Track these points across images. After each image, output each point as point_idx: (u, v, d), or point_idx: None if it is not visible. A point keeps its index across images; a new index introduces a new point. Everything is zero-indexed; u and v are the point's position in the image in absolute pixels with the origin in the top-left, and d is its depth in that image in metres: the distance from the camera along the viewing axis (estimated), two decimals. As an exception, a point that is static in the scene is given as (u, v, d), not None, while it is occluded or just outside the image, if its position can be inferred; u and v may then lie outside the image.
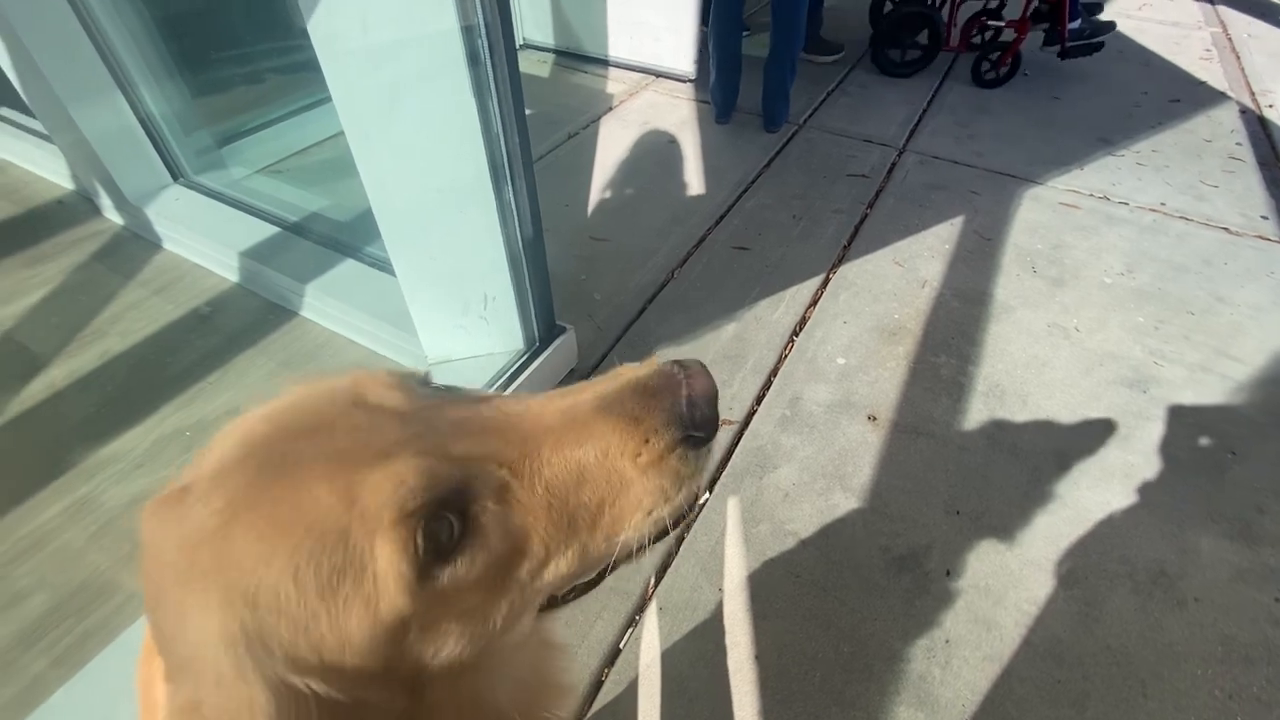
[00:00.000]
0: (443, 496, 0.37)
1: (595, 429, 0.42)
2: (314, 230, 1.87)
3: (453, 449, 0.39)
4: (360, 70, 1.09)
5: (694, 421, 0.43)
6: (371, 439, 0.38)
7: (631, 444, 0.42)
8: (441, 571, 0.37)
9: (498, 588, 0.40)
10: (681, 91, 2.98)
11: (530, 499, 0.41)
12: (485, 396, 0.46)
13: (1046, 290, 1.94)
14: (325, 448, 0.37)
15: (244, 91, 2.37)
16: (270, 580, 0.34)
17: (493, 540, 0.39)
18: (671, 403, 0.43)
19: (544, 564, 0.42)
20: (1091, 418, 1.58)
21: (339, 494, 0.36)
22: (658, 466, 0.42)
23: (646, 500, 0.43)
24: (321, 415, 0.39)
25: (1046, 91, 3.02)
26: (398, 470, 0.37)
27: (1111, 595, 1.26)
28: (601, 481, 0.42)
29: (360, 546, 0.35)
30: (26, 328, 1.70)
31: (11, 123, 2.28)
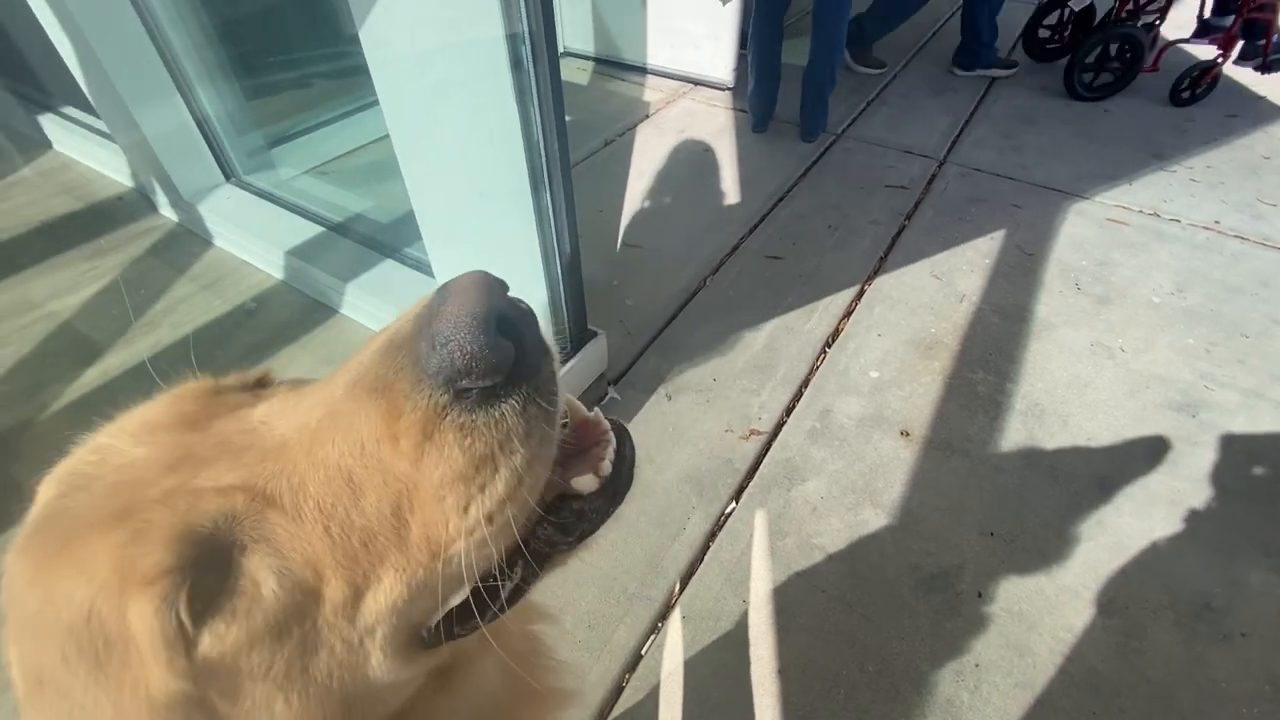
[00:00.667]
0: (191, 554, 0.31)
1: (343, 416, 0.33)
2: (356, 230, 1.92)
3: (202, 481, 0.33)
4: (407, 76, 1.12)
5: (453, 367, 0.31)
6: (117, 490, 0.33)
7: (381, 424, 0.32)
8: (207, 633, 0.31)
9: (302, 637, 0.33)
10: (718, 100, 2.98)
11: (299, 528, 0.32)
12: (269, 395, 0.39)
13: (1091, 308, 1.88)
14: (76, 512, 0.33)
15: (294, 95, 2.46)
16: (46, 664, 0.31)
17: (263, 586, 0.32)
18: (419, 352, 0.32)
19: (355, 600, 0.34)
20: (1136, 441, 1.53)
21: (77, 566, 0.31)
22: (427, 446, 0.32)
23: (448, 496, 0.33)
24: (94, 461, 0.35)
25: (1096, 104, 2.94)
26: (130, 532, 0.31)
27: (1153, 626, 1.22)
28: (378, 485, 0.33)
29: (110, 622, 0.30)
30: (86, 317, 1.78)
31: (78, 123, 2.40)
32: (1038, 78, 3.15)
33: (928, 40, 3.55)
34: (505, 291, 0.35)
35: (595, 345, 1.61)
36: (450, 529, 0.34)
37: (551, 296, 1.43)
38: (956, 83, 3.12)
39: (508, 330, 0.32)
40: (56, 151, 2.47)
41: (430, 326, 0.31)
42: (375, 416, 0.32)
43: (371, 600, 0.34)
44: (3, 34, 2.35)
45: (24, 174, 2.33)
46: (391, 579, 0.34)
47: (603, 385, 1.66)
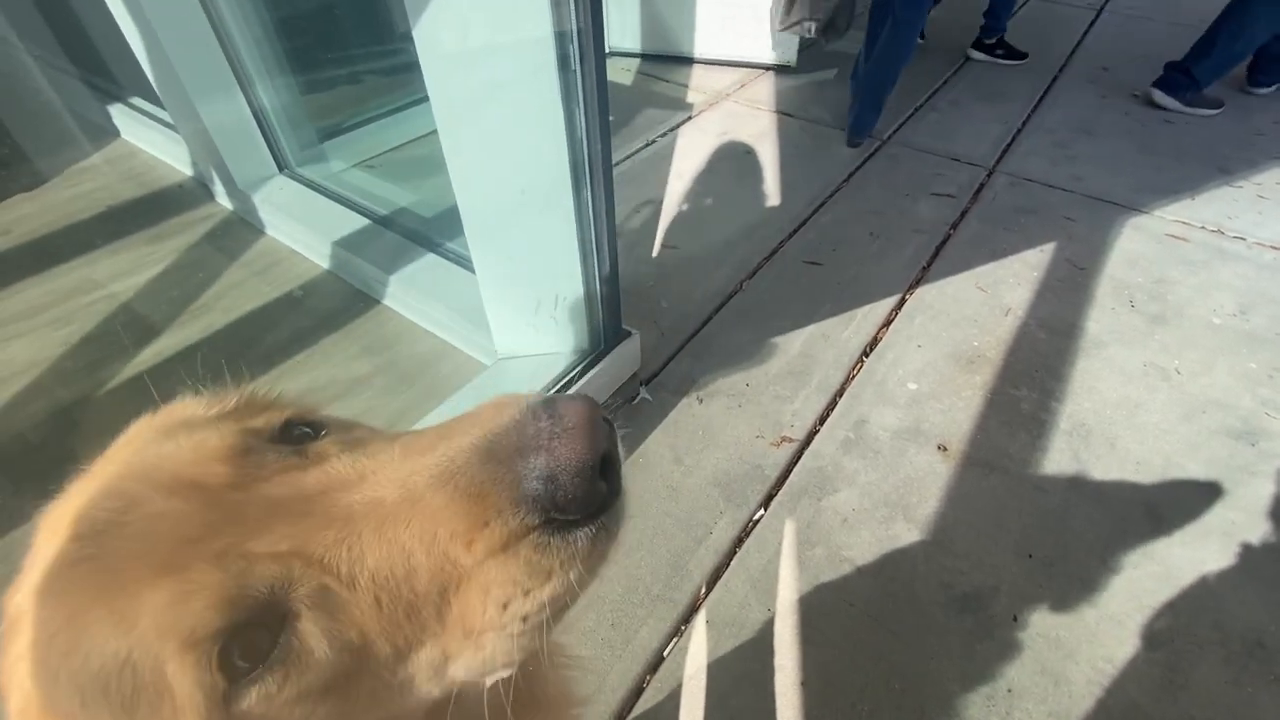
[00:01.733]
0: (243, 615, 0.32)
1: (426, 506, 0.34)
2: (401, 224, 1.97)
3: (258, 544, 0.34)
4: (456, 73, 1.14)
5: (555, 502, 0.34)
6: (159, 542, 0.33)
7: (463, 527, 0.34)
8: (255, 692, 0.32)
9: (345, 691, 0.35)
10: (762, 103, 2.96)
11: (353, 596, 0.34)
12: (323, 456, 0.39)
13: (1145, 327, 1.80)
14: (111, 554, 0.33)
15: (346, 90, 2.53)
16: (65, 703, 0.31)
17: (315, 650, 0.34)
18: (521, 474, 0.34)
19: (396, 660, 0.36)
20: (1189, 468, 1.46)
21: (117, 616, 0.31)
22: (502, 556, 0.34)
23: (495, 592, 0.35)
24: (121, 504, 0.34)
25: (1158, 115, 2.82)
26: (181, 587, 0.31)
27: (1200, 663, 1.16)
28: (435, 570, 0.35)
29: (148, 675, 0.31)
30: (144, 299, 1.86)
31: (144, 113, 2.51)
32: (1097, 86, 3.04)
33: (981, 46, 3.45)
34: (610, 429, 0.37)
35: (629, 345, 1.61)
36: (485, 619, 0.36)
37: (588, 294, 1.44)
38: (1010, 90, 3.03)
39: (604, 471, 0.35)
40: (124, 140, 2.59)
41: (541, 457, 0.34)
42: (460, 518, 0.34)
43: (413, 660, 0.37)
44: (79, 28, 2.48)
45: (94, 161, 2.45)
46: (430, 646, 0.37)
47: (635, 385, 1.66)
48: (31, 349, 1.68)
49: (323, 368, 1.67)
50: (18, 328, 1.74)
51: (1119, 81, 3.07)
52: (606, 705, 1.13)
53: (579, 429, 0.35)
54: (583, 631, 1.22)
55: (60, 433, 1.49)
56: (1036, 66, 3.22)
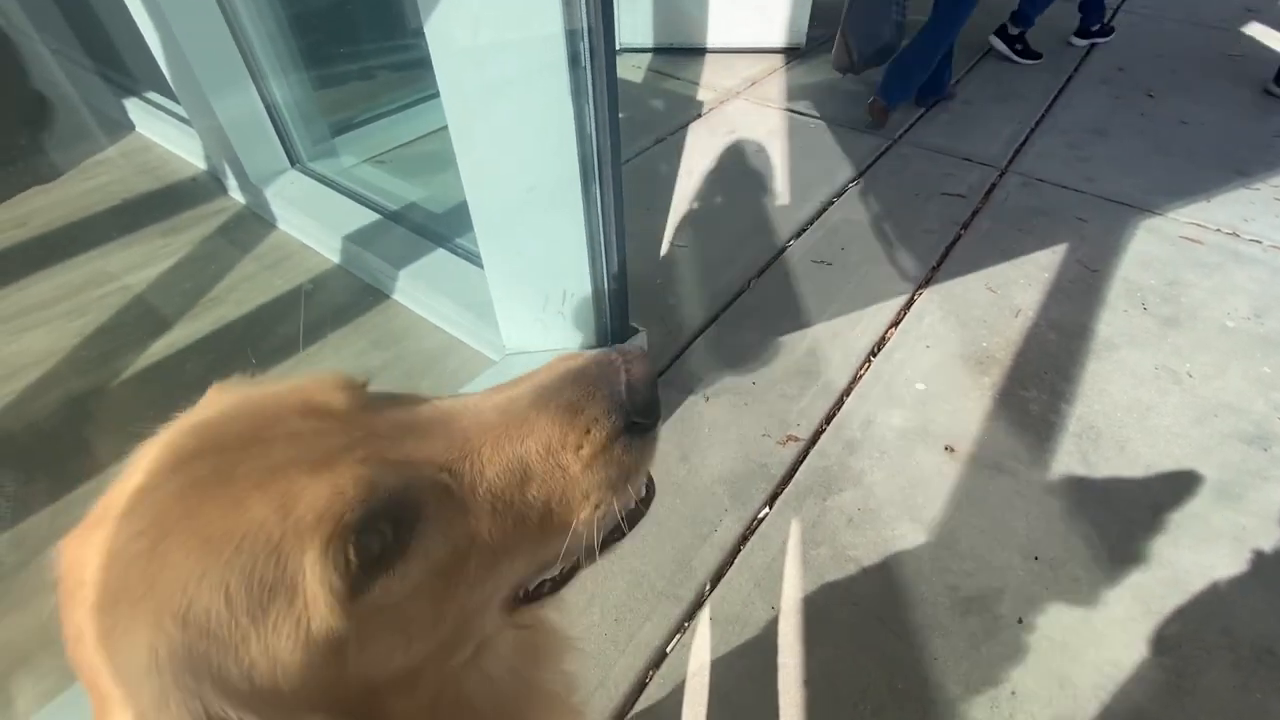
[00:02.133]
0: (382, 506, 0.35)
1: (535, 423, 0.41)
2: (410, 219, 1.98)
3: (392, 454, 0.38)
4: (468, 69, 1.15)
5: (635, 407, 0.42)
6: (311, 447, 0.36)
7: (573, 435, 0.41)
8: (378, 584, 0.35)
9: (443, 594, 0.39)
10: (773, 101, 2.95)
11: (473, 501, 0.39)
12: (423, 398, 0.44)
13: (1157, 330, 1.79)
14: (261, 458, 0.35)
15: (357, 86, 2.54)
16: (201, 600, 0.32)
17: (434, 547, 0.37)
18: (610, 389, 0.42)
19: (492, 565, 0.41)
20: (1199, 472, 1.45)
21: (274, 505, 0.33)
22: (601, 458, 0.41)
23: (594, 494, 0.42)
24: (257, 425, 0.37)
25: (1173, 115, 2.79)
26: (335, 480, 0.35)
27: (1208, 668, 1.15)
28: (545, 477, 0.41)
29: (292, 562, 0.33)
30: (157, 291, 1.88)
31: (159, 107, 2.53)
32: (1111, 86, 3.01)
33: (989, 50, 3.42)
34: None
35: (636, 341, 1.61)
36: (581, 518, 0.42)
37: (596, 290, 1.44)
38: (1023, 90, 3.01)
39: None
40: (138, 133, 2.61)
41: (621, 375, 0.42)
42: (566, 427, 0.41)
43: (503, 566, 0.41)
44: (95, 22, 2.50)
45: (109, 154, 2.48)
46: (523, 550, 0.42)
47: (641, 382, 1.66)
48: (47, 339, 1.70)
49: (334, 360, 1.68)
50: (34, 318, 1.77)
51: (1134, 82, 3.04)
52: (609, 700, 1.13)
53: (640, 357, 0.44)
54: (587, 626, 1.23)
55: (75, 422, 1.51)
56: (1050, 66, 3.19)
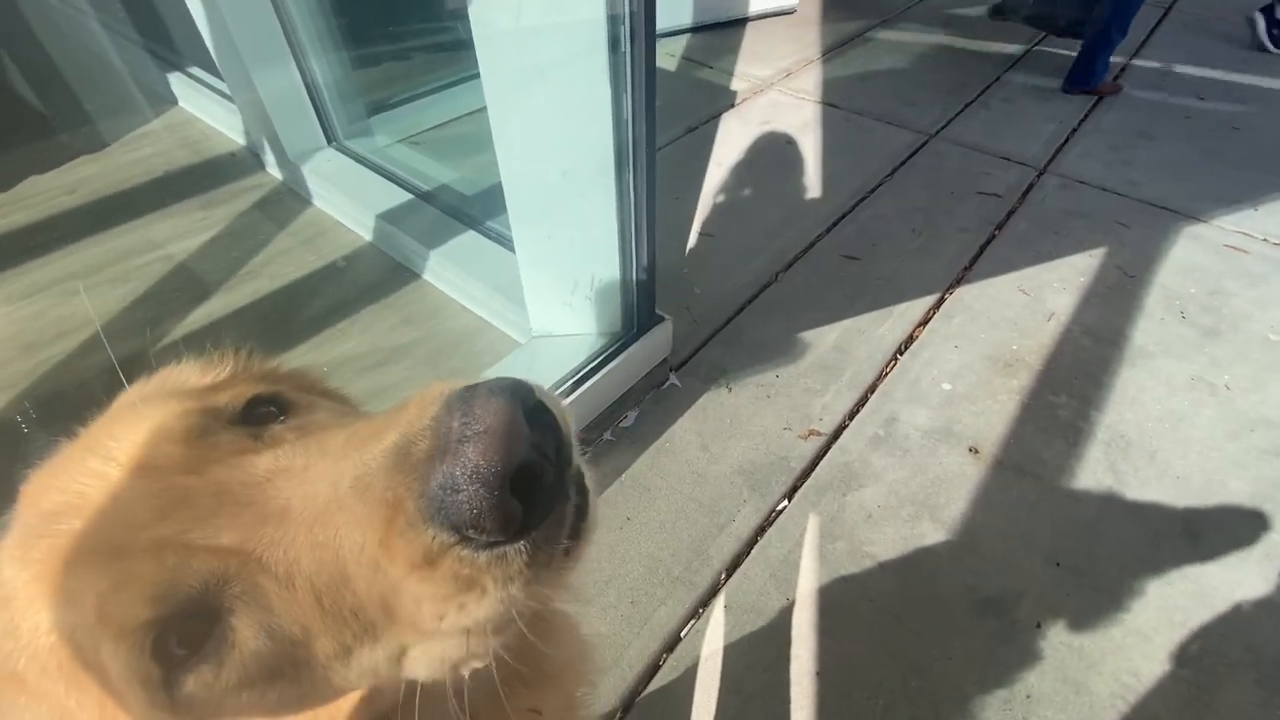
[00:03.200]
0: (176, 609, 0.32)
1: (349, 513, 0.33)
2: (442, 200, 2.00)
3: (197, 536, 0.33)
4: (510, 52, 1.16)
5: (459, 518, 0.30)
6: (112, 524, 0.34)
7: (383, 536, 0.32)
8: (193, 678, 0.33)
9: (293, 678, 0.35)
10: (807, 93, 2.92)
11: (290, 595, 0.33)
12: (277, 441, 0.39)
13: (1195, 340, 1.74)
14: (66, 533, 0.34)
15: (394, 66, 2.57)
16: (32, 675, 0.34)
17: (250, 644, 0.33)
18: (428, 485, 0.31)
19: (346, 653, 0.35)
20: (1232, 487, 1.42)
21: (65, 596, 0.33)
22: (425, 569, 0.32)
23: (426, 606, 0.33)
24: (89, 483, 0.36)
25: (1224, 120, 2.70)
26: (119, 577, 0.32)
27: (1229, 683, 1.14)
28: (365, 579, 0.33)
29: (96, 654, 0.32)
30: (197, 262, 1.93)
31: (201, 82, 2.59)
32: (1160, 90, 2.92)
33: (1039, 40, 3.34)
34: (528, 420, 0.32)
35: (661, 330, 1.62)
36: (427, 630, 0.34)
37: (624, 278, 1.45)
38: (1067, 88, 2.93)
39: (524, 479, 0.31)
40: (181, 108, 2.67)
41: (444, 463, 0.31)
42: (379, 526, 0.32)
43: (366, 655, 0.36)
44: (145, -3, 2.56)
45: (153, 126, 2.54)
46: (384, 643, 0.36)
47: (664, 370, 1.67)
48: (93, 304, 1.76)
49: (364, 336, 1.71)
50: (81, 284, 1.83)
51: (1182, 83, 2.95)
52: (623, 679, 1.15)
53: (490, 431, 0.31)
54: (602, 607, 1.25)
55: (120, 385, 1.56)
56: (1097, 65, 3.10)
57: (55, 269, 1.88)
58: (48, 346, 1.64)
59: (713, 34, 3.45)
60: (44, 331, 1.68)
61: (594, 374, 1.49)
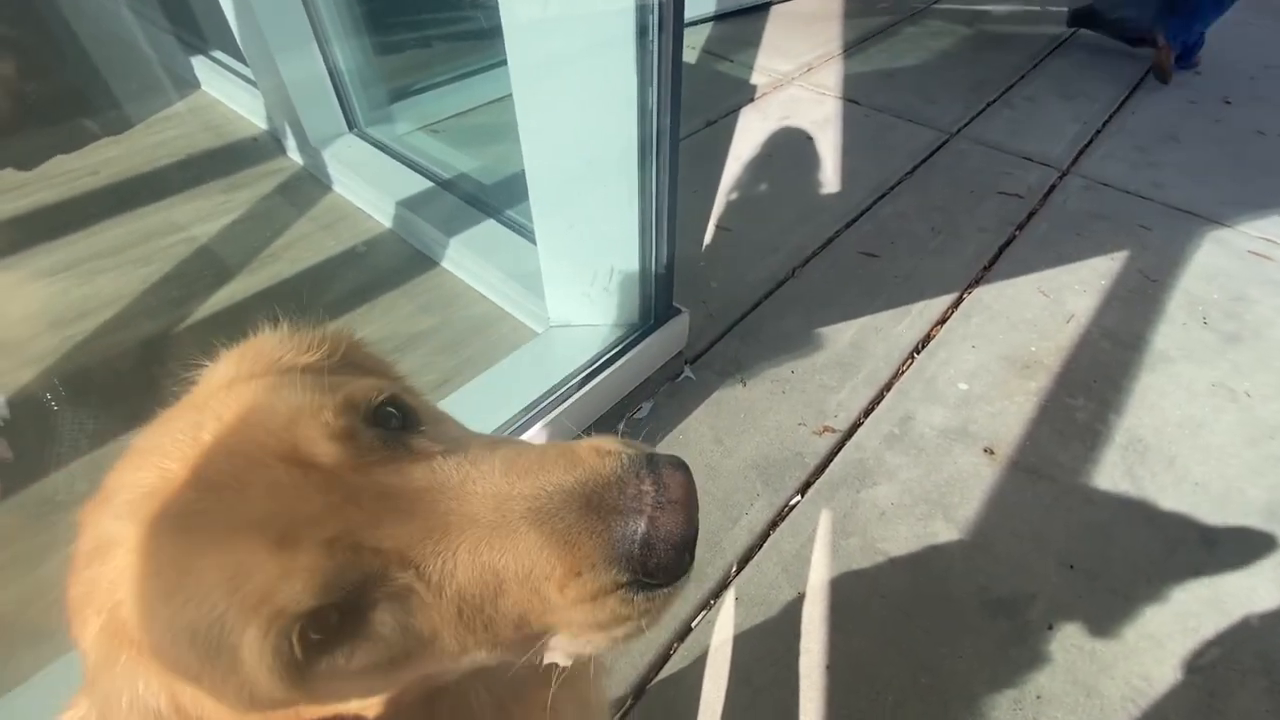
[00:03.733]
0: (334, 601, 0.34)
1: (523, 539, 0.36)
2: (462, 189, 2.00)
3: (364, 537, 0.35)
4: (537, 39, 1.16)
5: (646, 568, 0.35)
6: (279, 512, 0.35)
7: (559, 572, 0.35)
8: (323, 662, 0.35)
9: (399, 672, 0.38)
10: (828, 88, 2.90)
11: (437, 602, 0.36)
12: (426, 453, 0.40)
13: (1217, 345, 1.73)
14: (229, 512, 0.34)
15: (416, 54, 2.57)
16: (156, 636, 0.34)
17: (386, 637, 0.36)
18: (620, 536, 0.35)
19: (458, 655, 0.38)
20: (1250, 494, 1.41)
21: (227, 573, 0.33)
22: (589, 603, 0.36)
23: (575, 627, 0.37)
24: (240, 464, 0.36)
25: (1250, 124, 2.66)
26: (292, 565, 0.33)
27: (1241, 690, 1.13)
28: (521, 600, 0.36)
29: (234, 634, 0.33)
30: (218, 245, 1.95)
31: (224, 66, 2.60)
32: (1186, 90, 2.88)
33: (1065, 39, 3.30)
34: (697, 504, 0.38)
35: (677, 322, 1.62)
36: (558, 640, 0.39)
37: (643, 269, 1.45)
38: (1090, 88, 2.90)
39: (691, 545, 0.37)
40: (204, 91, 2.69)
41: (641, 523, 0.35)
42: (554, 562, 0.35)
43: (478, 656, 0.39)
44: (169, -21, 2.57)
45: (177, 109, 2.56)
46: (495, 651, 0.39)
47: (680, 363, 1.67)
48: (116, 284, 1.79)
49: (382, 322, 1.73)
50: (104, 263, 1.85)
51: (1211, 87, 2.90)
52: (633, 667, 1.16)
53: (682, 504, 0.37)
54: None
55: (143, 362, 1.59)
56: (1122, 66, 3.06)
57: (79, 248, 1.90)
58: (73, 324, 1.67)
59: (734, 25, 3.43)
60: (69, 309, 1.70)
61: (610, 365, 1.49)
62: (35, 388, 1.52)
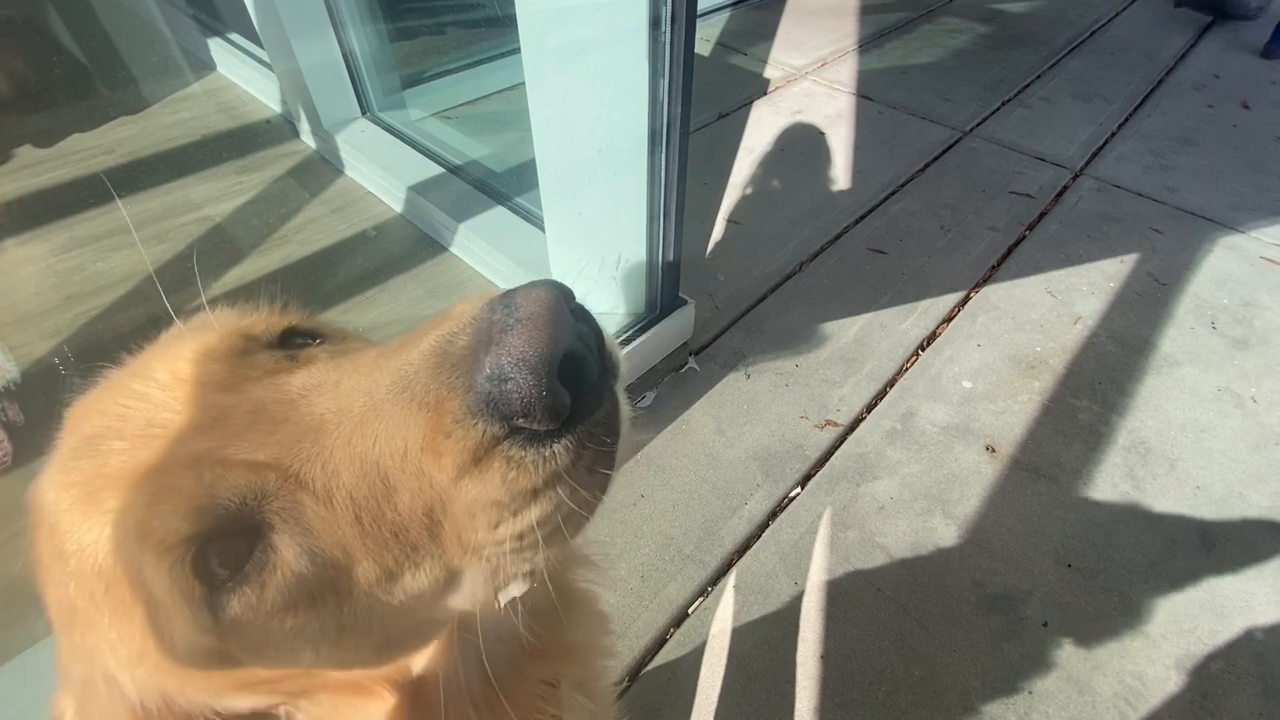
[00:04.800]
0: (214, 524, 0.32)
1: (389, 418, 0.32)
2: (473, 175, 2.02)
3: (235, 452, 0.33)
4: (551, 28, 1.16)
5: (510, 406, 0.29)
6: (148, 441, 0.34)
7: (427, 438, 0.31)
8: (234, 600, 0.32)
9: (335, 605, 0.34)
10: (842, 84, 2.88)
11: (330, 513, 0.33)
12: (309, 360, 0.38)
13: (1225, 350, 1.72)
14: (106, 452, 0.34)
15: (430, 41, 2.58)
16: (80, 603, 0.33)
17: (292, 564, 0.32)
18: (474, 378, 0.30)
19: (389, 579, 0.34)
20: (1252, 500, 1.41)
21: (105, 516, 0.32)
22: (475, 472, 0.31)
23: (480, 514, 0.32)
24: (125, 403, 0.35)
25: (1269, 130, 2.63)
26: (158, 492, 0.32)
27: (1235, 693, 1.14)
28: (414, 489, 0.32)
29: (134, 574, 0.32)
30: (232, 225, 1.97)
31: (239, 48, 2.62)
32: (1205, 94, 2.85)
33: (1083, 39, 3.27)
34: (572, 315, 0.32)
35: (683, 313, 1.63)
36: (479, 538, 0.33)
37: (650, 259, 1.46)
38: (1108, 90, 2.87)
39: (571, 369, 0.31)
40: (219, 73, 2.71)
41: (489, 354, 0.29)
42: (421, 428, 0.31)
43: (410, 580, 0.34)
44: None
45: (192, 90, 2.58)
46: (429, 566, 0.34)
47: (684, 354, 1.68)
48: (130, 260, 1.81)
49: (391, 305, 1.75)
50: (119, 240, 1.88)
51: (1229, 91, 2.87)
52: (630, 652, 1.18)
53: (535, 318, 0.30)
54: (613, 580, 1.27)
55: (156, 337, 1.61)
56: (1140, 68, 3.03)
57: (94, 226, 1.92)
58: (87, 299, 1.69)
59: (748, 18, 3.41)
60: (84, 284, 1.73)
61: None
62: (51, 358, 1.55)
